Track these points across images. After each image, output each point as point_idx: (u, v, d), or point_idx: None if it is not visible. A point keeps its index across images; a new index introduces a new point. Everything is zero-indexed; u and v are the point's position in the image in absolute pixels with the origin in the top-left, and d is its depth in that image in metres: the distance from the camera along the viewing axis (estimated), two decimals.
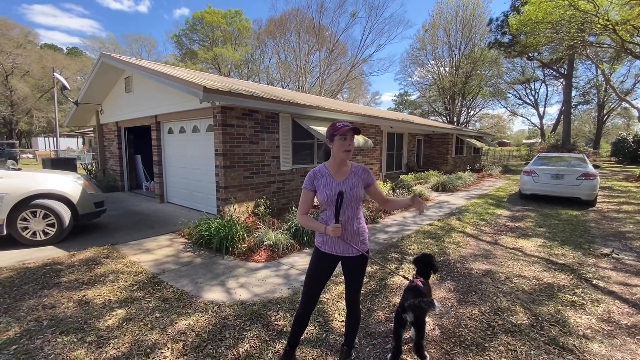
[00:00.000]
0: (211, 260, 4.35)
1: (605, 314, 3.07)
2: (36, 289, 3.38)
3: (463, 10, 31.13)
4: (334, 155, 2.03)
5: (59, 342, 2.51)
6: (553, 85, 36.72)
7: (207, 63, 39.91)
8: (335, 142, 1.99)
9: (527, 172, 9.12)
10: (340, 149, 1.98)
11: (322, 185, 2.02)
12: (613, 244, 5.29)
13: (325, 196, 1.99)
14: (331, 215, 1.99)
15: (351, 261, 2.10)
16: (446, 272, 4.02)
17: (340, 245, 2.05)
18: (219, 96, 5.34)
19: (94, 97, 9.78)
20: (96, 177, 10.44)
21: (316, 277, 2.14)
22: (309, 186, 2.05)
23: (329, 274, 2.15)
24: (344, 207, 1.99)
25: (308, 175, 2.07)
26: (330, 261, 2.10)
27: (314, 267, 2.14)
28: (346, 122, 2.00)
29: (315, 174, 2.06)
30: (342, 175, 2.05)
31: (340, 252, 2.06)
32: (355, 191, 2.01)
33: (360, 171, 2.10)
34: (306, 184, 2.06)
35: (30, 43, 37.37)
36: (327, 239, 2.05)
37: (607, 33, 13.09)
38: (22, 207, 4.65)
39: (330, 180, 2.02)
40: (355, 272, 2.15)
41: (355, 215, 2.05)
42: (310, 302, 2.15)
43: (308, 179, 2.05)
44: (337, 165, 2.05)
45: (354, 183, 2.03)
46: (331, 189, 1.99)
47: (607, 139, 46.76)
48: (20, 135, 40.61)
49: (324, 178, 2.04)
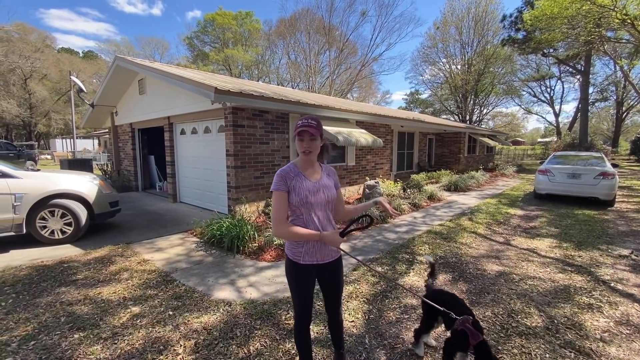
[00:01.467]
0: (222, 259, 4.40)
1: (623, 317, 2.98)
2: (54, 286, 3.48)
3: (475, 7, 30.62)
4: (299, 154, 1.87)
5: (76, 338, 2.58)
6: (569, 82, 35.72)
7: (218, 64, 40.38)
8: (296, 142, 1.83)
9: (542, 172, 8.91)
10: (298, 150, 1.83)
11: (298, 186, 1.80)
12: (632, 245, 5.12)
13: (303, 197, 1.79)
14: (309, 222, 1.82)
15: (330, 267, 1.94)
16: (458, 273, 3.96)
17: (322, 251, 1.87)
18: (230, 97, 5.40)
19: (109, 99, 10.01)
20: (111, 177, 10.68)
21: (304, 291, 1.91)
22: (282, 187, 1.79)
23: (313, 282, 1.96)
24: (320, 210, 1.85)
25: (278, 175, 1.81)
26: (311, 272, 1.90)
27: (299, 284, 1.90)
28: (309, 119, 1.79)
29: (286, 173, 1.82)
30: (315, 175, 1.90)
31: (320, 260, 1.88)
32: (331, 192, 1.90)
33: (331, 172, 2.01)
34: (279, 185, 1.79)
35: (48, 47, 38.47)
36: (309, 249, 1.84)
37: (625, 28, 12.69)
38: (41, 207, 4.80)
39: (305, 181, 1.83)
40: (336, 277, 1.99)
41: (328, 216, 1.91)
42: (306, 314, 1.97)
43: (280, 179, 1.80)
44: (307, 165, 1.88)
45: (328, 183, 1.92)
46: (309, 190, 1.81)
47: (626, 137, 45.29)
48: (38, 136, 41.89)
49: (298, 177, 1.83)
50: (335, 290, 2.03)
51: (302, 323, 1.97)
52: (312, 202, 1.81)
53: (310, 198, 1.80)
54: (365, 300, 3.23)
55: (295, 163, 1.90)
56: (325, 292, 2.04)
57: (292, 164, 1.89)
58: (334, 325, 2.15)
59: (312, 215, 1.83)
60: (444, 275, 3.90)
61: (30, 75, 34.21)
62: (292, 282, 1.92)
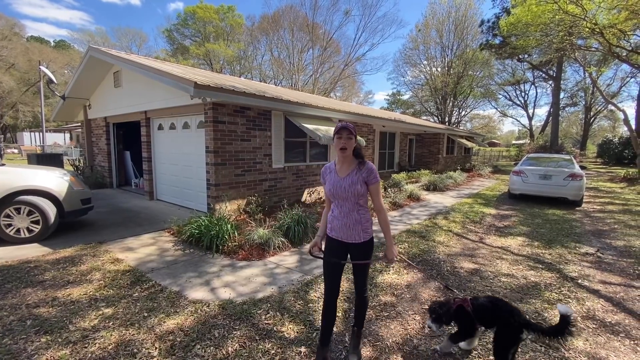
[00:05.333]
0: (201, 258, 4.31)
1: (590, 312, 3.14)
2: (19, 287, 3.30)
3: (455, 11, 31.38)
4: (336, 152, 2.22)
5: (43, 342, 2.45)
6: (542, 87, 37.43)
7: (199, 59, 39.43)
8: (334, 140, 2.18)
9: (516, 173, 9.26)
10: (336, 147, 2.18)
11: (329, 180, 2.25)
12: (597, 243, 5.41)
13: (328, 190, 2.22)
14: (336, 207, 2.23)
15: (355, 248, 2.22)
16: (436, 271, 4.05)
17: (344, 232, 2.21)
18: (210, 92, 5.27)
19: (82, 91, 9.58)
20: (83, 173, 10.24)
21: (329, 263, 2.24)
22: (322, 180, 2.33)
23: (340, 257, 2.24)
24: (344, 201, 2.18)
25: (322, 170, 2.35)
26: (338, 245, 2.24)
27: (327, 253, 2.28)
28: (347, 123, 2.17)
29: (326, 169, 2.31)
30: (345, 172, 2.20)
31: (345, 238, 2.21)
32: (354, 187, 2.13)
33: (366, 171, 2.18)
34: (321, 178, 2.35)
35: (16, 35, 36.36)
36: (334, 226, 2.24)
37: (594, 37, 13.36)
38: (6, 204, 4.53)
39: (334, 176, 2.22)
40: (359, 258, 2.24)
41: (355, 208, 2.19)
42: (333, 290, 2.28)
43: (322, 173, 2.34)
44: (341, 163, 2.23)
45: (353, 180, 2.15)
46: (333, 183, 2.19)
47: (594, 140, 47.86)
48: (5, 129, 39.61)
49: (331, 174, 2.25)
50: (357, 268, 2.29)
51: (327, 296, 2.29)
52: (336, 194, 2.18)
53: (334, 190, 2.18)
54: (345, 299, 3.24)
55: (336, 161, 2.30)
56: (353, 270, 2.35)
57: (333, 161, 2.32)
58: (357, 305, 2.41)
59: (338, 203, 2.22)
60: (422, 273, 3.97)
61: None
62: (324, 252, 2.31)
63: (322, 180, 2.32)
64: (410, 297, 3.35)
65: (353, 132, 2.14)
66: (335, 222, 2.24)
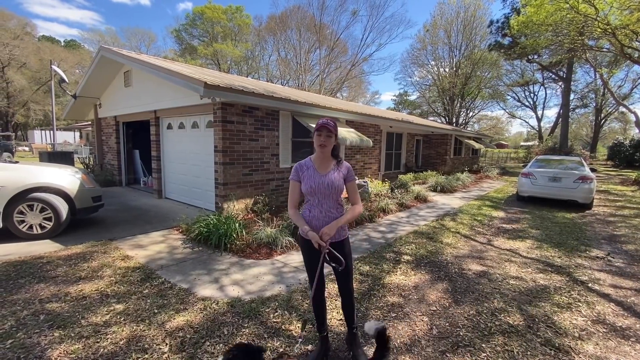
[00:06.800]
0: (209, 256, 4.35)
1: (600, 316, 3.10)
2: (32, 283, 3.37)
3: (464, 12, 31.18)
4: (315, 149, 2.20)
5: (56, 337, 2.50)
6: (552, 88, 36.90)
7: (206, 59, 39.71)
8: (314, 137, 2.17)
9: (525, 174, 9.16)
10: (315, 144, 2.17)
11: (307, 177, 2.17)
12: (608, 247, 5.33)
13: (309, 187, 2.15)
14: (314, 206, 2.18)
15: (334, 247, 2.14)
16: (444, 273, 4.04)
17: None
18: (220, 92, 5.32)
19: (93, 90, 9.71)
20: (94, 171, 10.39)
21: (311, 263, 2.22)
22: (295, 177, 2.22)
23: (319, 257, 2.13)
24: (325, 198, 2.15)
25: (294, 167, 2.23)
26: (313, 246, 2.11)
27: (306, 255, 2.25)
28: (328, 119, 2.14)
29: (301, 166, 2.22)
30: (325, 169, 2.20)
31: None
32: (338, 183, 2.16)
33: (343, 168, 2.24)
34: (292, 175, 2.23)
35: (28, 34, 37.01)
36: (313, 226, 2.15)
37: (606, 37, 13.15)
38: (19, 201, 4.62)
39: (314, 173, 2.18)
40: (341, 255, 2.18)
41: (335, 205, 2.20)
42: (318, 284, 2.21)
43: (294, 170, 2.22)
44: (320, 160, 2.21)
45: (335, 177, 2.18)
46: (314, 180, 2.15)
47: (604, 142, 47.06)
48: (16, 127, 40.32)
49: (308, 170, 2.19)
50: (340, 275, 2.26)
51: (314, 292, 2.19)
52: (318, 191, 2.14)
53: (315, 187, 2.13)
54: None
55: (311, 158, 2.25)
56: (336, 278, 2.33)
57: (308, 158, 2.26)
58: (345, 307, 2.37)
59: (318, 201, 2.17)
60: (430, 275, 3.96)
61: (9, 63, 32.91)
62: (303, 254, 2.29)
63: (295, 177, 2.20)
64: (418, 298, 3.34)
65: (333, 130, 2.13)
66: (314, 222, 2.16)
